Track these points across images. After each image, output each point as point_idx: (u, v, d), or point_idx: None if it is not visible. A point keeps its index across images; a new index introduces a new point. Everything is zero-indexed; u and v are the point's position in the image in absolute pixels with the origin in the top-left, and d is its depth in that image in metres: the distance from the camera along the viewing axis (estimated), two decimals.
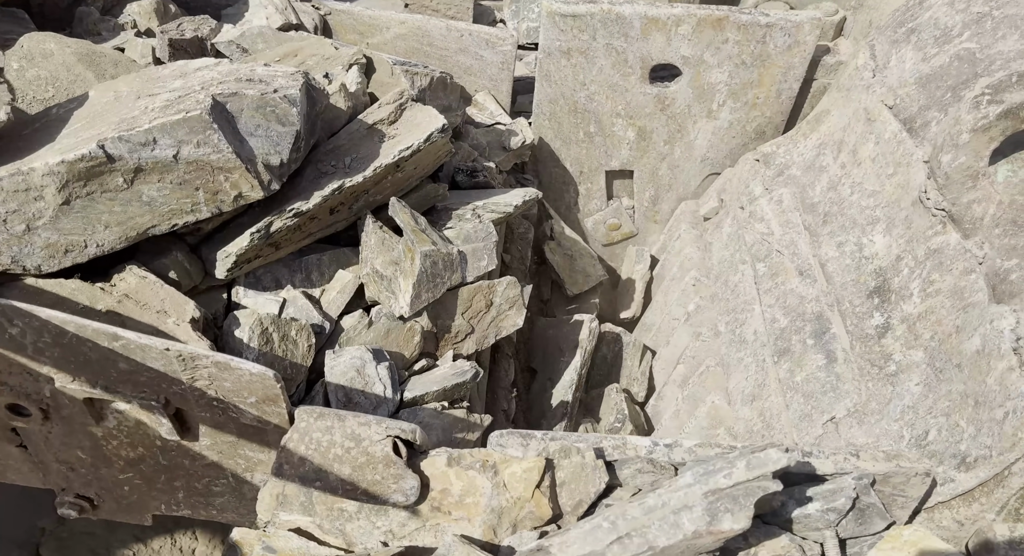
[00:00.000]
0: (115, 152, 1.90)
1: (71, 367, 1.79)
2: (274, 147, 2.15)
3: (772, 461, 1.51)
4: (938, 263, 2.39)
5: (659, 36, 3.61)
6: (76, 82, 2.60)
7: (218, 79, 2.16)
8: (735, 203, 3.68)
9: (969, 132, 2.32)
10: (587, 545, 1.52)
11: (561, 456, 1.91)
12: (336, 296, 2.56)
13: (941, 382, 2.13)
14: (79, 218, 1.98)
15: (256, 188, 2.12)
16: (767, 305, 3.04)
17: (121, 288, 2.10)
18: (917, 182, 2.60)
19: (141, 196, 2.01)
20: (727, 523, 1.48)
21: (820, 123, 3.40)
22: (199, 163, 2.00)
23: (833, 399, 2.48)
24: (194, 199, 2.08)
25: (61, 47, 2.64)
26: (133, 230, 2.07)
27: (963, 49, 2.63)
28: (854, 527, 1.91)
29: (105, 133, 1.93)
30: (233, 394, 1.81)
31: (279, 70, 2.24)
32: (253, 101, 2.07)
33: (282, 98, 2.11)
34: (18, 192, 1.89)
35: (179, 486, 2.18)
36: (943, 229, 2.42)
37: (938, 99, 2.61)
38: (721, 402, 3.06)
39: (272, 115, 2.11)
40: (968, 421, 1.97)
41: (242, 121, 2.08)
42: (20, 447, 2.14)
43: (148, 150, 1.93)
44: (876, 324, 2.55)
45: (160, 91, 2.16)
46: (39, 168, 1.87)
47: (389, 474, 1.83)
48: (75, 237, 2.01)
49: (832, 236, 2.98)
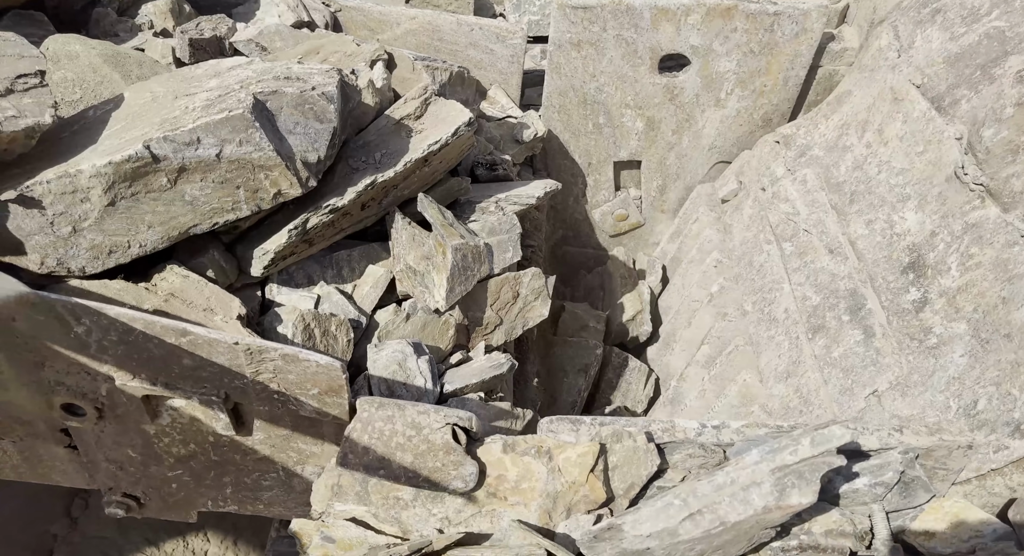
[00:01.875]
0: (160, 152, 1.90)
1: (133, 365, 1.80)
2: (312, 144, 2.16)
3: (836, 437, 1.56)
4: (977, 237, 2.45)
5: (668, 26, 3.65)
6: (103, 83, 2.58)
7: (255, 77, 2.17)
8: (755, 185, 3.72)
9: (1013, 106, 2.38)
10: (660, 522, 1.56)
11: (613, 440, 1.96)
12: (369, 291, 2.58)
13: (988, 352, 2.19)
14: (123, 219, 1.98)
15: (295, 185, 2.13)
16: (797, 283, 3.10)
17: (165, 287, 2.10)
18: (950, 159, 2.66)
19: (184, 195, 2.02)
20: (795, 497, 1.53)
21: (842, 104, 3.45)
22: (240, 162, 2.01)
23: (874, 373, 2.53)
24: (235, 197, 2.09)
25: (86, 49, 2.63)
26: (175, 229, 2.07)
27: (992, 27, 2.69)
28: (899, 500, 1.97)
29: (149, 133, 1.93)
30: (296, 386, 1.83)
31: (314, 68, 2.25)
32: (292, 99, 2.07)
33: (320, 95, 2.12)
34: (65, 194, 1.89)
35: (228, 482, 2.19)
36: (981, 204, 2.48)
37: (968, 77, 2.68)
38: (753, 380, 3.10)
39: (311, 112, 2.12)
40: (1021, 389, 2.04)
41: (281, 119, 2.09)
42: (68, 448, 2.15)
43: (192, 149, 1.93)
44: (913, 299, 2.60)
45: (197, 90, 2.16)
46: (86, 169, 1.86)
47: (449, 461, 1.87)
48: (119, 238, 2.01)
49: (860, 214, 3.03)
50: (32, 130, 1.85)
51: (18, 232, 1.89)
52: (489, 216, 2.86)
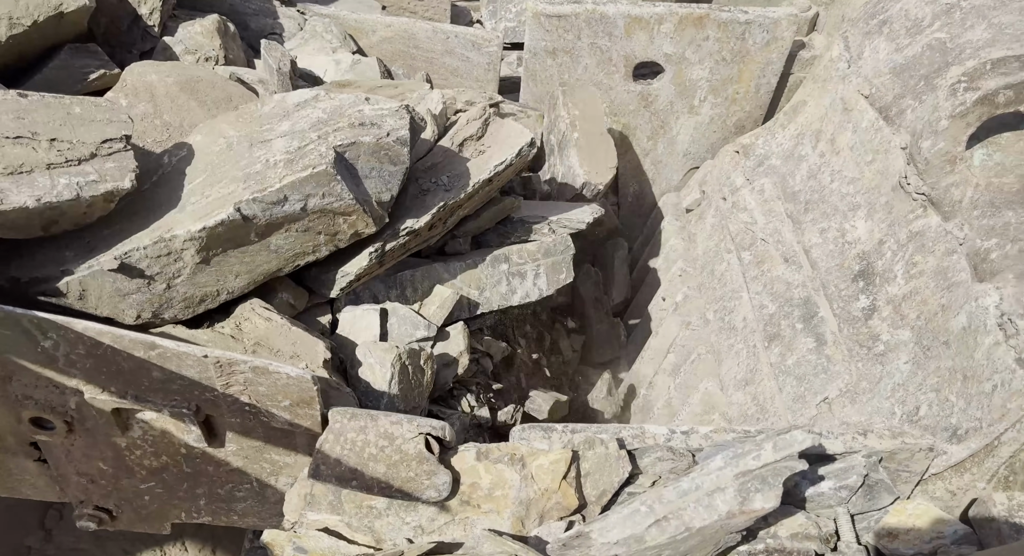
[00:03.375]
0: (250, 213, 1.97)
1: (102, 378, 1.80)
2: (385, 185, 2.23)
3: (797, 442, 1.60)
4: (920, 245, 2.52)
5: (642, 35, 3.69)
6: (180, 112, 2.62)
7: (327, 120, 2.20)
8: (717, 194, 3.79)
9: (948, 118, 2.45)
10: (627, 529, 1.59)
11: (586, 447, 1.98)
12: (436, 310, 2.61)
13: (929, 359, 2.25)
14: (213, 272, 2.06)
15: (371, 225, 2.21)
16: (755, 292, 3.15)
17: (250, 332, 2.14)
18: (896, 168, 2.73)
19: (269, 246, 2.10)
20: (758, 502, 1.57)
21: (797, 114, 3.52)
22: (323, 211, 2.08)
23: (825, 380, 2.59)
24: (315, 242, 2.17)
25: (162, 77, 2.65)
26: (260, 275, 2.15)
27: (934, 39, 2.77)
28: (863, 503, 2.02)
29: (236, 193, 1.99)
30: (267, 398, 1.84)
31: (384, 107, 2.26)
32: (369, 147, 2.15)
33: (395, 141, 2.18)
34: (160, 257, 1.96)
35: (201, 493, 2.19)
36: (924, 212, 2.55)
37: (912, 87, 2.75)
38: (714, 388, 3.16)
39: (385, 157, 2.19)
40: (957, 395, 2.10)
41: (359, 166, 2.16)
42: (38, 461, 2.13)
43: (280, 207, 2.01)
44: (862, 306, 2.67)
45: (271, 135, 2.20)
46: (181, 235, 1.93)
47: (422, 470, 1.88)
48: (209, 288, 2.09)
49: (815, 223, 3.10)
50: (111, 194, 1.88)
51: (117, 293, 1.97)
52: (544, 238, 2.96)
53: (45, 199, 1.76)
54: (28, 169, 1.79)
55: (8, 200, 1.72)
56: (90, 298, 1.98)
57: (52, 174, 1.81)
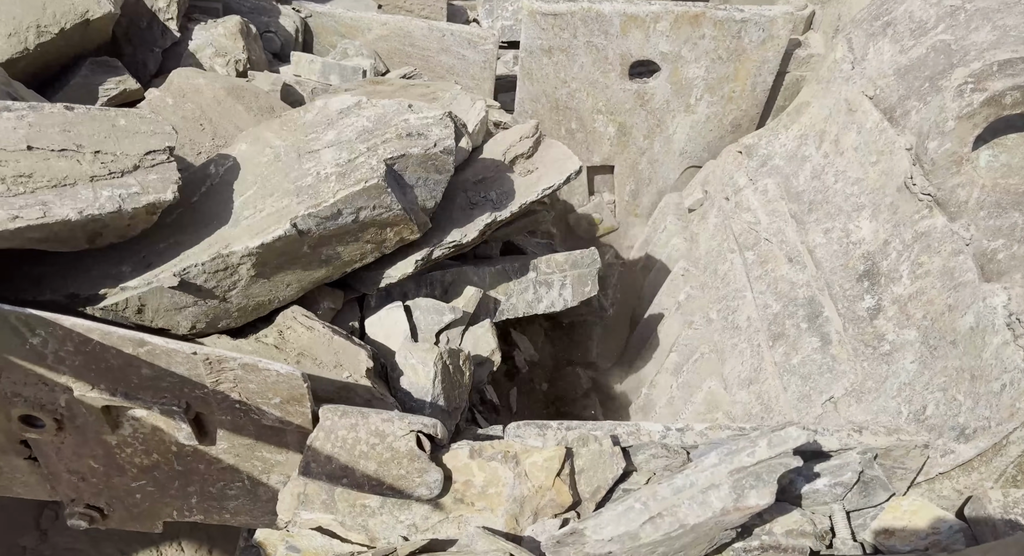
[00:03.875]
0: (305, 227, 2.00)
1: (91, 375, 1.78)
2: (430, 193, 2.27)
3: (792, 438, 1.58)
4: (926, 246, 2.51)
5: (638, 33, 3.69)
6: (226, 115, 2.66)
7: (370, 128, 2.21)
8: (720, 194, 3.77)
9: (954, 119, 2.44)
10: (621, 526, 1.58)
11: (579, 444, 1.97)
12: (463, 305, 2.61)
13: (936, 359, 2.24)
14: (266, 284, 2.09)
15: (415, 232, 2.25)
16: (758, 292, 3.14)
17: (293, 342, 2.15)
18: (901, 169, 2.72)
19: (320, 256, 2.13)
20: (753, 499, 1.55)
21: (801, 114, 3.51)
22: (372, 222, 2.13)
23: (830, 379, 2.58)
24: (363, 250, 2.21)
25: (209, 82, 2.71)
26: (310, 283, 2.20)
27: (939, 41, 2.76)
28: (859, 499, 2.00)
29: (292, 208, 2.01)
30: (257, 396, 1.82)
31: (428, 115, 2.27)
32: (417, 159, 2.18)
33: (442, 151, 2.20)
34: (217, 272, 1.98)
35: (193, 491, 2.17)
36: (929, 213, 2.54)
37: (917, 89, 2.74)
38: (717, 387, 3.14)
39: (432, 167, 2.22)
40: (965, 394, 2.08)
41: (406, 176, 2.20)
42: (28, 459, 2.11)
43: (333, 221, 2.04)
44: (867, 306, 2.66)
45: (317, 145, 2.22)
46: (239, 250, 1.96)
47: (413, 468, 1.86)
48: (262, 298, 2.14)
49: (818, 223, 3.09)
50: (153, 206, 1.88)
51: (174, 307, 2.01)
52: (573, 251, 2.98)
53: (87, 212, 1.76)
54: (72, 182, 1.79)
55: (51, 213, 1.72)
56: (147, 312, 2.01)
57: (95, 186, 1.81)
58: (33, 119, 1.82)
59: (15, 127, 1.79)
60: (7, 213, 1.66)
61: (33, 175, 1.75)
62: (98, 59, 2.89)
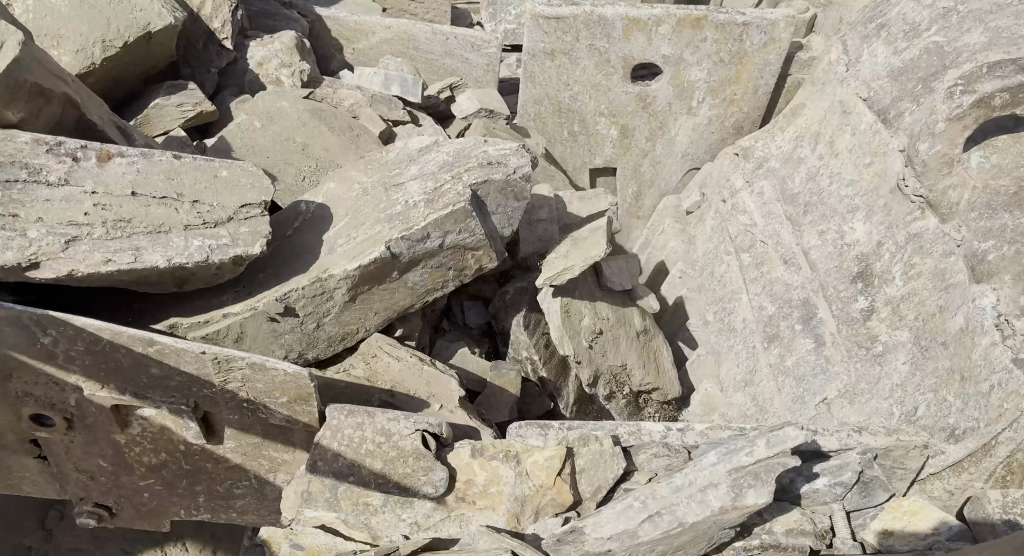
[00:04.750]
0: (397, 250, 2.11)
1: (101, 375, 1.81)
2: (507, 220, 2.36)
3: (790, 438, 1.60)
4: (918, 247, 2.53)
5: (640, 36, 3.71)
6: (312, 135, 2.74)
7: (451, 162, 2.31)
8: (717, 196, 3.80)
9: (945, 121, 2.46)
10: (620, 524, 1.60)
11: (580, 444, 1.99)
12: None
13: (927, 360, 2.26)
14: (357, 310, 2.17)
15: (493, 260, 2.34)
16: (754, 294, 3.16)
17: (383, 373, 2.21)
18: (894, 170, 2.74)
19: (407, 282, 2.23)
20: (751, 498, 1.57)
21: (796, 116, 3.54)
22: (456, 247, 2.22)
23: (824, 381, 2.60)
24: (445, 278, 2.29)
25: (293, 104, 2.81)
26: (394, 312, 2.27)
27: (931, 42, 2.78)
28: (858, 500, 2.02)
29: (384, 233, 2.12)
30: (265, 395, 1.85)
31: (505, 147, 2.37)
32: (498, 185, 2.28)
33: (520, 177, 2.31)
34: (315, 297, 2.08)
35: (200, 490, 2.20)
36: (922, 215, 2.56)
37: (910, 90, 2.76)
38: (714, 389, 3.17)
39: (511, 193, 2.32)
40: (955, 395, 2.11)
41: (488, 202, 2.29)
42: (38, 459, 2.14)
43: (422, 244, 2.14)
44: (861, 308, 2.68)
45: (402, 179, 2.33)
46: (337, 274, 2.06)
47: (419, 467, 1.89)
48: (351, 327, 2.22)
49: (813, 225, 3.11)
50: (240, 259, 1.94)
51: (272, 334, 2.09)
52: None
53: (176, 260, 1.84)
54: (167, 229, 1.86)
55: (141, 258, 1.80)
56: (246, 340, 2.07)
57: (187, 235, 1.87)
58: (142, 166, 1.88)
59: (124, 173, 1.85)
60: (102, 256, 1.74)
61: (132, 220, 1.82)
62: (174, 82, 2.99)
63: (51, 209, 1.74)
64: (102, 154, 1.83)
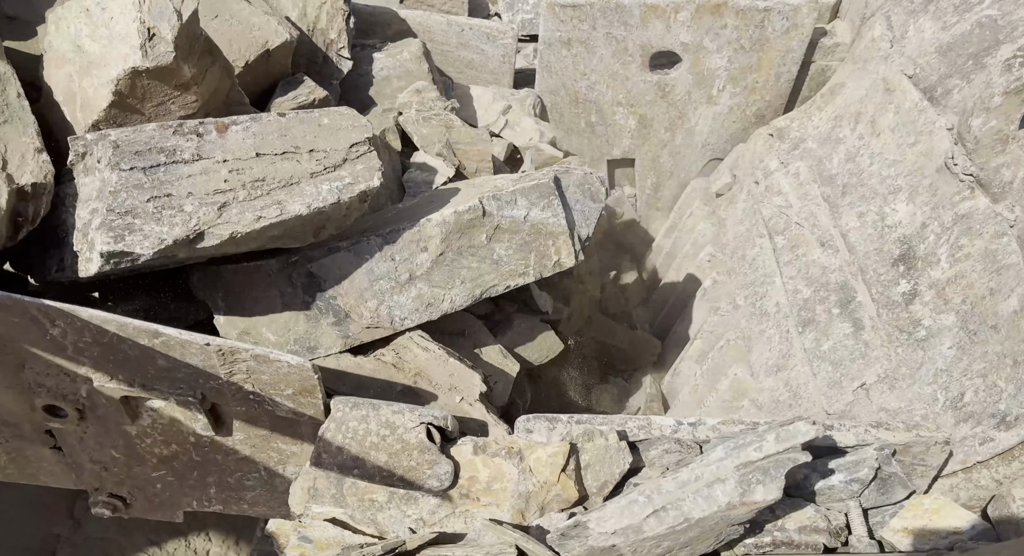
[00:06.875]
0: (488, 208, 2.22)
1: (109, 366, 1.83)
2: (584, 220, 2.42)
3: (801, 433, 1.55)
4: (967, 228, 2.42)
5: (658, 23, 3.64)
6: None
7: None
8: (749, 178, 3.70)
9: (1001, 95, 2.35)
10: (624, 519, 1.56)
11: (585, 439, 1.96)
12: None
13: (975, 344, 2.16)
14: (446, 271, 2.25)
15: (571, 256, 2.36)
16: (788, 277, 3.08)
17: (410, 362, 2.25)
18: (941, 149, 2.63)
19: (493, 253, 2.29)
20: (759, 494, 1.53)
21: (835, 96, 3.43)
22: (538, 227, 2.29)
23: (862, 366, 2.51)
24: (527, 262, 2.34)
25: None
26: (478, 289, 2.31)
27: (985, 16, 2.66)
28: (876, 497, 1.95)
29: (478, 195, 2.27)
30: (270, 387, 1.85)
31: (573, 164, 2.55)
32: (577, 178, 2.40)
33: (596, 178, 2.43)
34: (412, 242, 2.18)
35: (211, 482, 2.21)
36: (971, 194, 2.45)
37: (960, 67, 2.65)
38: (744, 374, 3.09)
39: (587, 192, 2.40)
40: (1007, 381, 2.01)
41: (568, 194, 2.38)
42: (53, 449, 2.17)
43: (509, 208, 2.24)
44: (903, 291, 2.58)
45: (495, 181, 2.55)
46: (435, 218, 2.18)
47: (424, 460, 1.87)
48: (439, 290, 2.27)
49: (852, 207, 3.01)
50: (364, 194, 2.06)
51: (369, 276, 2.17)
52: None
53: (315, 205, 1.95)
54: (297, 181, 1.97)
55: (286, 209, 1.91)
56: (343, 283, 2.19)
57: (316, 182, 1.99)
58: (256, 129, 2.00)
59: (243, 138, 1.97)
60: (253, 215, 1.87)
61: (265, 178, 1.94)
62: (289, 78, 3.07)
63: (195, 183, 1.87)
64: (219, 126, 1.95)
